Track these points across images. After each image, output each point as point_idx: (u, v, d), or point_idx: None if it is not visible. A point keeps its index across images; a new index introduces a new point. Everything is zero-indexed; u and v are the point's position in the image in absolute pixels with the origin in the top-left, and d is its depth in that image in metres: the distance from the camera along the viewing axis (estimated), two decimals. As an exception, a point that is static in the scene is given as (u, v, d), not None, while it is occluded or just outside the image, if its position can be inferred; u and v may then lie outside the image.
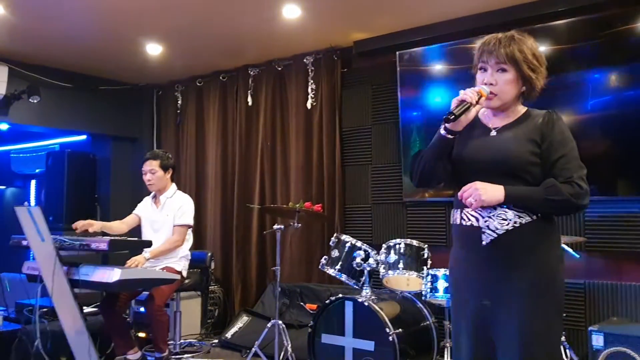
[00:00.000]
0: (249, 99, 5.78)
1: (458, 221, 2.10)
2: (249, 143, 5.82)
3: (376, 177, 5.09)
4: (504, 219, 1.98)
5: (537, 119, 2.06)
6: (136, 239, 4.00)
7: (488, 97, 2.04)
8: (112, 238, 3.72)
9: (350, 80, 5.27)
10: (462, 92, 2.00)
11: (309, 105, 5.35)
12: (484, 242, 2.00)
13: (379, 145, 5.09)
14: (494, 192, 1.94)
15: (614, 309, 3.89)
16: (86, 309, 4.76)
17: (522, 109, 2.13)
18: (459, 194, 1.99)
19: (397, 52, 4.77)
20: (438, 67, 4.64)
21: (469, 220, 2.05)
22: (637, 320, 3.77)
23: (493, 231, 1.99)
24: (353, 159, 5.24)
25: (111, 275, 3.49)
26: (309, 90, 5.35)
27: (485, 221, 2.00)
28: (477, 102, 2.00)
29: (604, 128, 3.91)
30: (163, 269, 4.09)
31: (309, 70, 5.36)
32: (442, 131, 2.05)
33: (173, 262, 4.19)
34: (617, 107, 3.85)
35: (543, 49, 4.06)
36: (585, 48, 3.97)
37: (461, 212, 2.08)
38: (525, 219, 1.97)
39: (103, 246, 3.54)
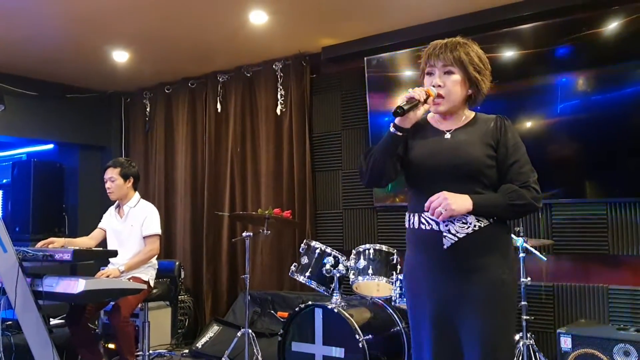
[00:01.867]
0: (218, 106, 5.73)
1: (417, 225, 2.09)
2: (219, 150, 5.77)
3: (347, 183, 5.08)
4: (464, 223, 1.99)
5: (488, 123, 2.11)
6: (101, 249, 3.92)
7: (435, 101, 2.06)
8: (76, 248, 3.63)
9: (320, 86, 5.27)
10: (410, 89, 2.03)
11: (278, 112, 5.32)
12: (445, 246, 2.01)
13: (350, 151, 5.08)
14: (463, 202, 1.95)
15: (582, 311, 3.92)
16: (53, 321, 4.68)
17: (470, 114, 2.17)
18: (426, 205, 1.98)
19: (365, 58, 4.77)
20: (406, 73, 4.65)
21: (429, 224, 2.05)
22: (605, 322, 3.81)
23: (454, 235, 2.00)
24: (323, 165, 5.23)
25: (76, 286, 3.41)
26: (279, 96, 5.33)
27: (446, 225, 2.01)
28: (425, 101, 2.02)
29: (572, 131, 3.95)
30: (130, 279, 4.01)
31: (278, 76, 5.34)
32: (392, 128, 2.05)
33: (140, 272, 4.11)
34: (585, 111, 3.89)
35: (511, 53, 4.11)
36: (553, 52, 4.00)
37: (419, 216, 2.08)
38: (484, 222, 2.00)
39: (67, 257, 3.46)
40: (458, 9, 4.21)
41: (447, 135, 2.11)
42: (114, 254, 3.87)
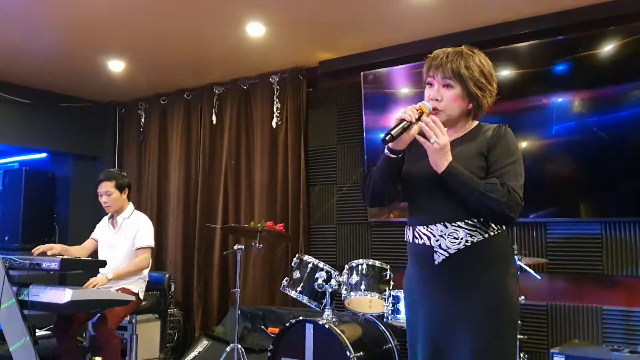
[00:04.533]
0: (214, 118, 5.71)
1: (411, 239, 2.06)
2: (213, 162, 5.73)
3: (341, 198, 5.05)
4: (455, 238, 1.94)
5: (487, 133, 2.04)
6: (89, 258, 3.86)
7: (432, 113, 1.99)
8: (64, 257, 3.58)
9: (316, 100, 5.25)
10: (402, 110, 1.94)
11: (274, 124, 5.30)
12: (436, 262, 1.97)
13: (344, 166, 5.06)
14: (445, 155, 1.89)
15: (576, 331, 3.88)
16: (39, 332, 4.60)
17: (472, 124, 2.11)
18: (425, 118, 1.92)
19: (362, 73, 4.77)
20: (402, 88, 4.65)
21: (421, 238, 2.01)
22: (599, 343, 3.77)
23: (445, 250, 1.95)
24: (318, 179, 5.20)
25: (62, 296, 3.35)
26: (275, 109, 5.31)
27: (437, 240, 1.97)
28: (419, 119, 1.93)
29: (567, 152, 3.94)
30: (119, 290, 3.96)
31: (275, 89, 5.33)
32: (386, 151, 2.00)
33: (130, 283, 4.07)
34: (581, 132, 3.88)
35: (507, 72, 4.11)
36: (549, 72, 4.01)
37: (413, 230, 2.04)
38: (477, 237, 1.94)
39: (54, 265, 3.41)
40: (455, 25, 4.23)
41: None
42: (103, 264, 3.82)
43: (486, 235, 1.95)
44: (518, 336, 3.47)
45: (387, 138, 1.89)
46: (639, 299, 3.74)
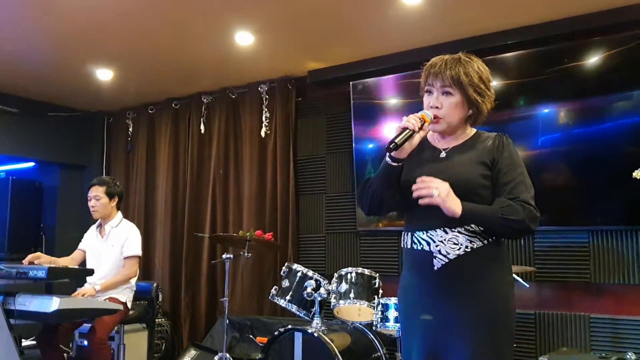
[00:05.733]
0: (202, 127, 5.70)
1: (409, 245, 2.05)
2: (201, 171, 5.72)
3: (330, 207, 5.05)
4: (455, 244, 1.94)
5: (487, 142, 2.04)
6: (76, 267, 3.83)
7: (433, 121, 2.00)
8: (51, 266, 3.54)
9: (305, 110, 5.26)
10: (404, 118, 1.95)
11: (263, 134, 5.30)
12: (435, 267, 1.96)
13: (333, 175, 5.06)
14: (455, 203, 1.87)
15: (564, 339, 3.90)
16: (25, 342, 4.54)
17: (471, 131, 2.11)
18: (423, 178, 1.91)
19: (351, 82, 4.78)
20: (392, 98, 4.67)
21: (420, 244, 2.00)
22: (587, 350, 3.78)
23: (444, 256, 1.95)
24: (307, 188, 5.20)
25: (49, 304, 3.31)
26: (264, 118, 5.31)
27: (437, 246, 1.96)
28: (421, 128, 1.95)
29: (554, 163, 3.97)
30: (106, 299, 3.93)
31: (264, 98, 5.33)
32: (388, 159, 1.99)
33: (117, 293, 4.03)
34: (567, 144, 3.93)
35: (494, 83, 4.12)
36: (535, 83, 4.04)
37: (412, 235, 2.03)
38: (477, 243, 1.94)
39: (41, 274, 3.36)
40: (443, 36, 4.26)
41: (443, 154, 2.06)
42: (90, 272, 3.79)
43: (485, 242, 1.95)
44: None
45: (391, 146, 1.90)
46: (626, 307, 3.76)
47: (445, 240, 1.95)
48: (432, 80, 2.03)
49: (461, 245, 1.94)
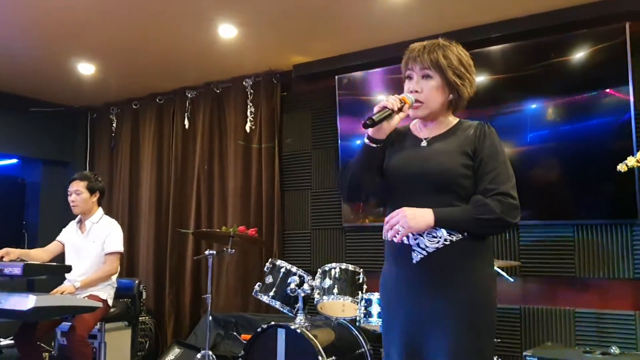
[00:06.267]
0: (186, 122, 5.64)
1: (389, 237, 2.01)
2: (185, 167, 5.65)
3: (316, 203, 5.00)
4: (434, 237, 1.91)
5: (469, 130, 2.01)
6: (54, 263, 3.76)
7: (414, 105, 1.98)
8: (27, 262, 3.47)
9: (290, 104, 5.21)
10: (384, 98, 1.95)
11: (247, 129, 5.24)
12: (414, 260, 1.93)
13: (319, 170, 5.02)
14: (424, 217, 1.86)
15: (549, 334, 3.88)
16: (3, 341, 4.47)
17: (453, 120, 2.08)
18: (386, 220, 1.91)
19: (336, 76, 4.74)
20: (377, 93, 4.63)
21: None
22: (571, 345, 3.77)
23: (423, 249, 1.92)
24: (292, 184, 5.15)
25: (26, 302, 3.23)
26: (248, 113, 5.26)
27: (415, 239, 1.93)
28: (401, 110, 1.94)
29: (541, 158, 3.95)
30: (87, 296, 3.86)
31: (248, 93, 5.27)
32: (365, 139, 1.98)
33: (97, 290, 3.97)
34: (554, 140, 3.90)
35: (481, 78, 4.11)
36: (522, 79, 4.02)
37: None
38: (457, 236, 1.91)
39: (17, 271, 3.31)
40: (429, 29, 4.19)
41: (424, 143, 2.04)
42: (68, 269, 3.73)
43: (465, 234, 1.91)
44: (491, 339, 3.45)
45: (368, 122, 1.88)
46: (611, 301, 3.75)
47: (424, 233, 1.91)
48: (412, 64, 2.01)
49: (440, 238, 1.91)
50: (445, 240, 1.90)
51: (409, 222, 1.84)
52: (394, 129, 1.97)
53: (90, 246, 4.05)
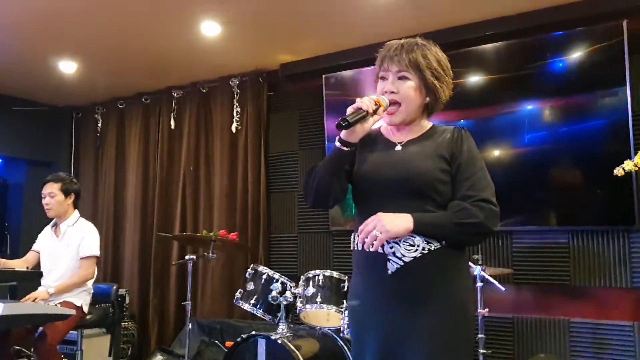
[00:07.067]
0: (172, 122, 5.49)
1: (361, 246, 1.84)
2: (171, 168, 5.50)
3: (303, 205, 4.85)
4: (411, 245, 1.77)
5: (445, 135, 1.90)
6: (24, 269, 3.61)
7: (390, 110, 1.86)
8: (-4, 269, 3.32)
9: (277, 104, 5.07)
10: (358, 99, 1.81)
11: (234, 129, 5.09)
12: (389, 271, 1.78)
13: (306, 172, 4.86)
14: (402, 222, 1.73)
15: (542, 345, 3.73)
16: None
17: (427, 124, 1.96)
18: (360, 228, 1.77)
19: (324, 76, 4.60)
20: (365, 92, 4.48)
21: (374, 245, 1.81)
22: (566, 357, 3.63)
23: (399, 258, 1.77)
24: (279, 186, 5.00)
25: (-7, 310, 3.09)
26: (235, 113, 5.11)
27: (391, 247, 1.78)
28: (375, 112, 1.81)
29: (537, 161, 3.83)
30: (60, 303, 3.71)
31: (235, 92, 5.13)
32: (337, 143, 1.85)
33: (72, 296, 3.81)
34: (552, 142, 3.79)
35: (476, 78, 3.97)
36: (518, 79, 3.89)
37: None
38: (435, 244, 1.77)
39: (-17, 278, 3.15)
40: (417, 27, 4.06)
41: (398, 148, 1.91)
42: (39, 275, 3.58)
43: (443, 243, 1.78)
44: (481, 351, 3.30)
45: (342, 123, 1.77)
46: (608, 311, 3.61)
47: (400, 241, 1.77)
48: (388, 63, 1.88)
49: (417, 246, 1.77)
50: (423, 249, 1.77)
51: (386, 226, 1.71)
52: (367, 132, 1.84)
53: (65, 250, 3.90)
